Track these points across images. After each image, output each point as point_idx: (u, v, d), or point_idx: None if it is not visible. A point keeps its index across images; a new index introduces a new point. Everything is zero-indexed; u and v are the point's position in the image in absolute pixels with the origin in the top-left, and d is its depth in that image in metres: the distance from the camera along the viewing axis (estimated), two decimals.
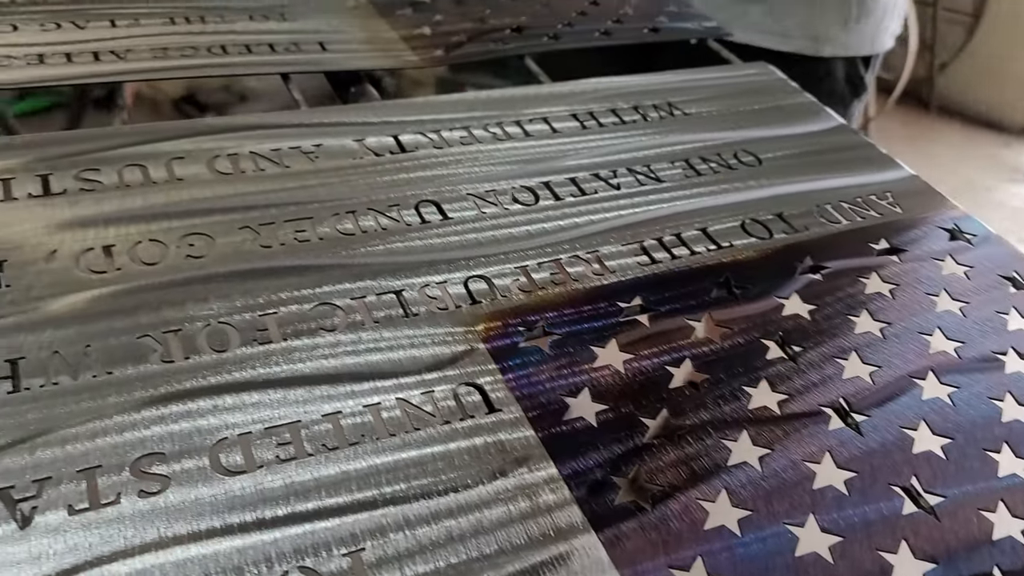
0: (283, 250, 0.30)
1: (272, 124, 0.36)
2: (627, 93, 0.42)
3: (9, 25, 0.40)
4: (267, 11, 0.45)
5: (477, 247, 0.31)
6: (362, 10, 0.47)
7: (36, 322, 0.25)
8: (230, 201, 0.31)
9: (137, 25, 0.41)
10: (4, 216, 0.29)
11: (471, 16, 0.48)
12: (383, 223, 0.32)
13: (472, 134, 0.37)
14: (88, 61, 0.38)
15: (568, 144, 0.38)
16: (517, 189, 0.34)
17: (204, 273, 0.28)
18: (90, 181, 0.31)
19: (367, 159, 0.35)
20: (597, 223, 0.33)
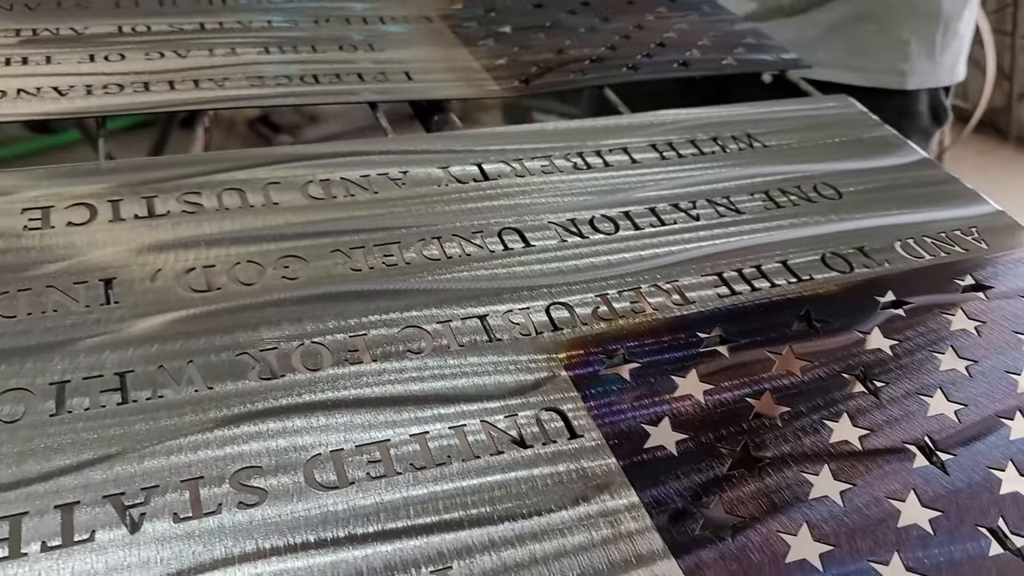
0: (372, 274, 0.31)
1: (361, 152, 0.37)
2: (706, 124, 0.42)
3: (118, 54, 0.42)
4: (356, 42, 0.47)
5: (559, 275, 0.32)
6: (446, 40, 0.49)
7: (143, 337, 0.27)
8: (322, 225, 0.33)
9: (234, 54, 0.43)
10: (113, 236, 0.31)
11: (551, 46, 0.49)
12: (467, 249, 0.32)
13: (553, 163, 0.38)
14: (189, 88, 0.40)
15: (648, 175, 0.38)
16: (598, 218, 0.35)
17: (298, 295, 0.29)
18: (192, 204, 0.33)
19: (452, 186, 0.36)
20: (677, 253, 0.34)
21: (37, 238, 0.30)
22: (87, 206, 0.32)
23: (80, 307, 0.28)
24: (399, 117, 0.50)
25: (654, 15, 0.55)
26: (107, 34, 0.44)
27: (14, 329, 0.26)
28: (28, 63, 0.40)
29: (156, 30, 0.45)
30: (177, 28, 0.45)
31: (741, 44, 0.52)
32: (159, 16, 0.47)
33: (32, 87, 0.38)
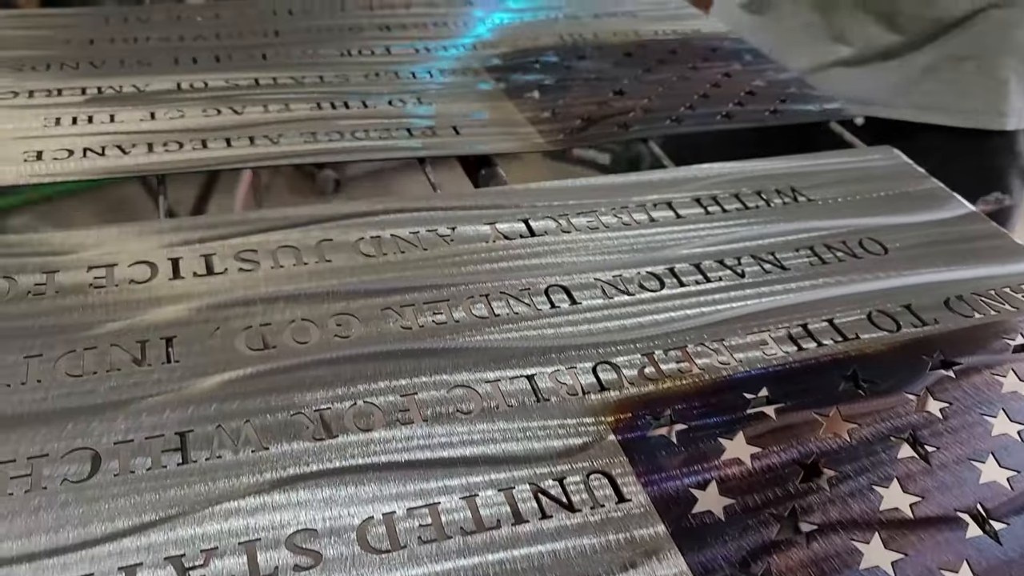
0: (423, 332, 0.31)
1: (411, 208, 0.38)
2: (750, 178, 0.43)
3: (177, 111, 0.44)
4: (405, 95, 0.48)
5: (605, 334, 0.32)
6: (492, 93, 0.50)
7: (202, 396, 0.28)
8: (374, 283, 0.33)
9: (287, 110, 0.45)
10: (173, 294, 0.32)
11: (595, 99, 0.50)
12: (515, 308, 0.33)
13: (599, 219, 0.38)
14: (245, 144, 0.41)
15: (692, 230, 0.38)
16: (643, 276, 0.35)
17: (351, 353, 0.30)
18: (249, 262, 0.34)
19: (499, 243, 0.36)
20: (723, 312, 0.34)
21: (102, 296, 0.31)
22: (148, 264, 0.33)
23: (143, 366, 0.29)
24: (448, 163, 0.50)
25: (696, 65, 0.55)
26: (167, 91, 0.46)
27: (81, 388, 0.28)
28: (93, 121, 0.42)
29: (213, 86, 0.47)
30: (233, 84, 0.47)
31: (785, 94, 0.53)
32: (216, 72, 0.48)
33: (97, 146, 0.39)
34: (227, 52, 0.51)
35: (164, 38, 0.52)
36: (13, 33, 0.51)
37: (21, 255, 0.33)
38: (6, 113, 0.41)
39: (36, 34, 0.51)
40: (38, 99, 0.43)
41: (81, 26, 0.53)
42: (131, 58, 0.49)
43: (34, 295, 0.31)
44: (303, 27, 0.56)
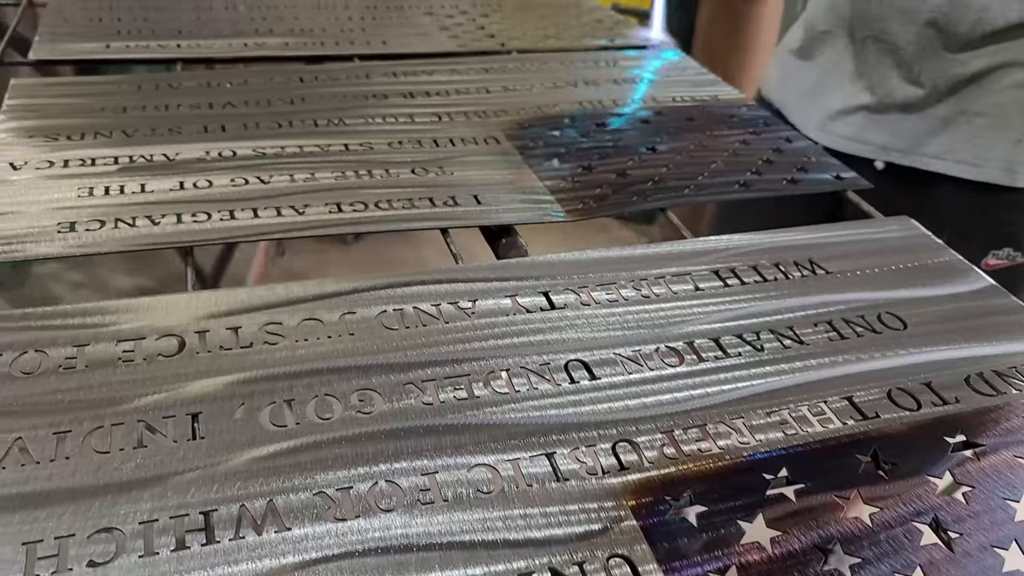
0: (444, 407, 0.32)
1: (433, 279, 0.38)
2: (768, 250, 0.43)
3: (206, 180, 0.45)
4: (427, 164, 0.49)
5: (625, 411, 0.32)
6: (513, 161, 0.50)
7: (227, 475, 0.28)
8: (396, 356, 0.34)
9: (313, 180, 0.46)
10: (200, 367, 0.32)
11: (614, 167, 0.51)
12: (535, 383, 0.33)
13: (619, 292, 0.39)
14: (272, 215, 0.42)
15: (711, 304, 0.39)
16: (663, 352, 0.35)
17: (373, 430, 0.30)
18: (274, 335, 0.34)
19: (519, 317, 0.37)
20: (742, 389, 0.34)
21: (130, 370, 0.32)
22: (176, 337, 0.34)
23: (168, 442, 0.29)
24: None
25: (714, 133, 0.56)
26: (196, 159, 0.47)
27: (109, 465, 0.28)
28: (125, 191, 0.43)
29: (241, 154, 0.48)
30: (260, 152, 0.48)
31: (801, 163, 0.53)
32: (244, 139, 0.50)
33: (128, 217, 0.40)
34: (255, 119, 0.52)
35: (194, 105, 0.54)
36: (50, 101, 0.52)
37: (53, 328, 0.34)
38: (43, 183, 0.43)
39: (72, 102, 0.52)
40: (72, 168, 0.45)
41: (115, 93, 0.54)
42: (162, 126, 0.50)
43: (64, 369, 0.32)
44: (329, 94, 0.57)
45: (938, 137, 0.81)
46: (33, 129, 0.48)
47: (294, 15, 0.73)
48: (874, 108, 0.83)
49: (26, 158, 0.45)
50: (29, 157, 0.45)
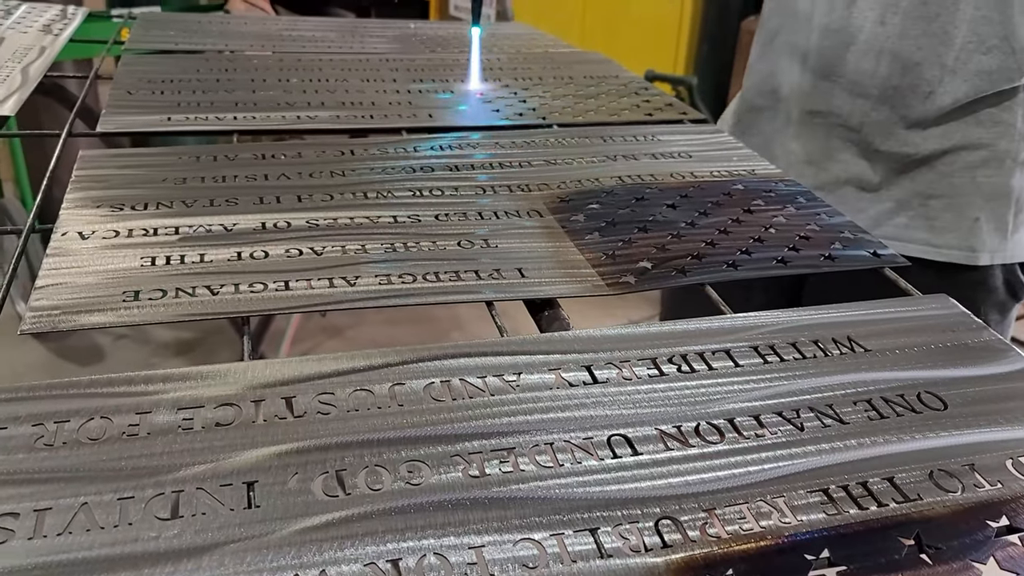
0: (490, 481, 0.32)
1: (479, 352, 0.40)
2: (807, 326, 0.44)
3: (261, 251, 0.47)
4: (472, 236, 0.51)
5: (667, 488, 0.33)
6: (555, 235, 0.52)
7: (281, 544, 0.29)
8: (443, 428, 0.35)
9: (364, 252, 0.47)
10: (256, 437, 0.34)
11: (653, 242, 0.52)
12: (579, 457, 0.34)
13: (659, 368, 0.40)
14: (324, 286, 0.44)
15: (751, 381, 0.39)
16: (704, 428, 0.36)
17: (421, 501, 0.31)
18: (327, 405, 0.36)
19: (562, 391, 0.38)
20: (783, 467, 0.34)
21: (189, 438, 0.33)
22: (233, 406, 0.35)
23: (225, 511, 0.30)
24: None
25: (751, 208, 0.57)
26: (252, 230, 0.49)
27: (169, 532, 0.29)
28: (185, 261, 0.45)
29: (295, 225, 0.50)
30: (313, 224, 0.50)
31: (838, 239, 0.54)
32: (297, 211, 0.52)
33: (188, 287, 0.42)
34: (308, 191, 0.54)
35: (250, 176, 0.56)
36: (114, 172, 0.55)
37: (116, 395, 0.35)
38: (109, 253, 0.45)
39: (135, 172, 0.55)
40: (136, 238, 0.47)
41: (175, 165, 0.57)
42: (220, 197, 0.53)
43: (128, 436, 0.33)
44: (378, 166, 0.59)
45: (895, 219, 0.79)
46: (100, 199, 0.51)
47: (344, 88, 0.77)
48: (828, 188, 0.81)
49: (93, 227, 0.47)
50: (96, 227, 0.48)
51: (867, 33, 0.76)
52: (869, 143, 0.79)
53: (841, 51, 0.77)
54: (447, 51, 0.96)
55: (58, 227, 0.47)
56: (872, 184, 0.80)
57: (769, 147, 0.85)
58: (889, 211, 0.80)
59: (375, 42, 0.97)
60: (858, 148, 0.79)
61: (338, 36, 0.98)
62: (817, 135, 0.81)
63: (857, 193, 0.81)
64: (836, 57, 0.77)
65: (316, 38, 0.97)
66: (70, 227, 0.47)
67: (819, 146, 0.81)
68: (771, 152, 0.85)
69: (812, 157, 0.81)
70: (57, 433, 0.33)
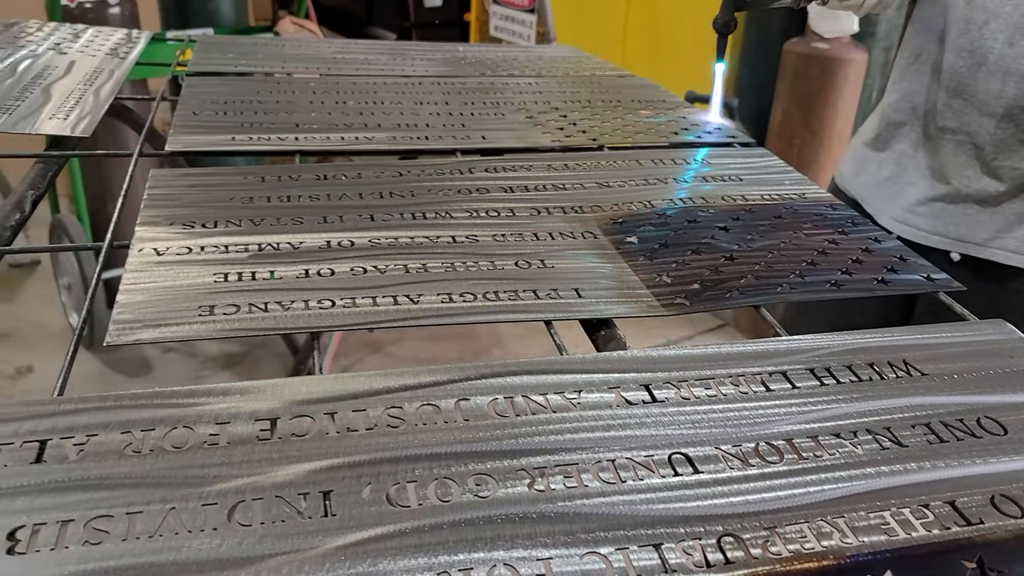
0: (555, 495, 0.33)
1: (540, 370, 0.41)
2: (863, 349, 0.44)
3: (328, 269, 0.48)
4: (529, 257, 0.52)
5: (729, 507, 0.34)
6: (610, 256, 0.53)
7: (356, 553, 0.30)
8: (508, 443, 0.36)
9: (425, 271, 0.49)
10: (330, 448, 0.35)
11: (708, 264, 0.53)
12: (640, 474, 0.35)
13: (718, 389, 0.40)
14: (389, 303, 0.45)
15: (808, 402, 0.40)
16: (763, 449, 0.37)
17: (489, 514, 0.32)
18: (395, 419, 0.37)
19: (622, 410, 0.39)
20: (843, 489, 0.35)
21: (267, 447, 0.35)
22: (308, 418, 0.36)
23: (303, 519, 0.31)
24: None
25: (803, 232, 0.58)
26: (318, 248, 0.51)
27: (251, 537, 0.30)
28: (256, 278, 0.47)
29: (359, 244, 0.51)
30: (375, 243, 0.52)
31: (891, 263, 0.54)
32: (360, 230, 0.53)
33: (260, 302, 0.44)
34: (369, 211, 0.56)
35: (313, 196, 0.58)
36: (184, 191, 0.57)
37: (196, 406, 0.37)
38: (184, 269, 0.47)
39: (203, 192, 0.57)
40: (208, 255, 0.49)
41: (241, 185, 0.59)
42: (285, 216, 0.54)
43: (209, 445, 0.35)
44: (436, 187, 0.61)
45: (1016, 231, 0.82)
46: (172, 217, 0.53)
47: (399, 111, 0.78)
48: (950, 200, 0.84)
49: (168, 244, 0.50)
50: (170, 243, 0.50)
51: (996, 54, 0.78)
52: (992, 159, 0.81)
53: (972, 71, 0.79)
54: (496, 74, 0.97)
55: (135, 244, 0.49)
56: (993, 198, 0.82)
57: (902, 160, 0.88)
58: (1010, 224, 0.82)
59: (426, 64, 0.99)
60: (982, 164, 0.81)
61: (389, 59, 1.01)
62: (946, 150, 0.84)
63: (978, 207, 0.83)
64: (967, 76, 0.80)
65: (368, 60, 0.99)
66: (146, 244, 0.49)
67: (947, 161, 0.84)
68: (903, 165, 0.88)
69: (941, 172, 0.85)
70: (144, 440, 0.34)
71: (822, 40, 1.99)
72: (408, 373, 0.40)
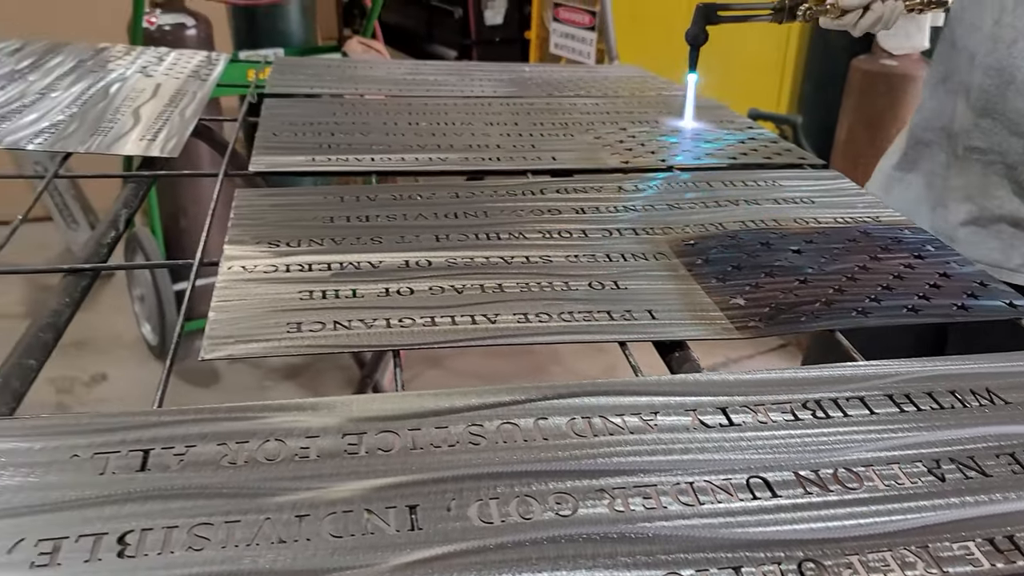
0: (635, 516, 0.34)
1: (616, 391, 0.41)
2: (943, 376, 0.44)
3: (407, 288, 0.50)
4: (602, 278, 0.52)
5: (809, 533, 0.34)
6: (681, 277, 0.53)
7: (444, 566, 0.31)
8: (587, 463, 0.37)
9: (500, 291, 0.50)
10: (414, 463, 0.36)
11: (781, 287, 0.53)
12: (720, 498, 0.35)
13: (794, 413, 0.40)
14: (467, 323, 0.46)
15: (887, 429, 0.40)
16: (843, 475, 0.37)
17: (571, 532, 0.33)
18: (476, 436, 0.38)
19: (700, 433, 0.39)
20: (926, 518, 0.35)
21: (354, 462, 0.36)
22: (392, 434, 0.38)
23: (392, 531, 0.33)
24: None
25: (878, 255, 0.57)
26: (397, 267, 0.52)
27: (343, 547, 0.32)
28: (339, 296, 0.48)
29: (436, 264, 0.53)
30: (451, 262, 0.53)
31: (971, 288, 0.54)
32: (436, 250, 0.55)
33: (345, 320, 0.46)
34: (445, 231, 0.57)
35: (390, 216, 0.60)
36: (268, 210, 0.59)
37: (287, 420, 0.38)
38: (273, 288, 0.49)
39: (286, 212, 0.59)
40: (293, 273, 0.51)
41: (320, 204, 0.61)
42: (365, 235, 0.56)
43: (300, 458, 0.36)
44: (508, 208, 0.62)
45: None
46: (258, 236, 0.55)
47: (470, 131, 0.80)
48: (983, 223, 0.82)
49: (255, 262, 0.52)
50: (257, 262, 0.52)
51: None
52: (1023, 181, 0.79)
53: (1002, 89, 0.78)
54: (563, 94, 0.99)
55: (224, 261, 0.52)
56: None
57: (931, 181, 0.86)
58: None
59: (493, 85, 1.00)
60: (1014, 185, 0.79)
61: (458, 79, 1.03)
62: (976, 171, 0.82)
63: (1012, 229, 0.81)
64: (997, 95, 0.78)
65: (438, 81, 1.01)
66: (234, 262, 0.52)
67: (977, 182, 0.82)
68: (932, 186, 0.87)
69: (970, 192, 0.82)
70: (239, 452, 0.36)
71: (890, 57, 1.96)
72: (487, 392, 0.41)
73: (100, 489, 0.34)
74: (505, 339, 0.46)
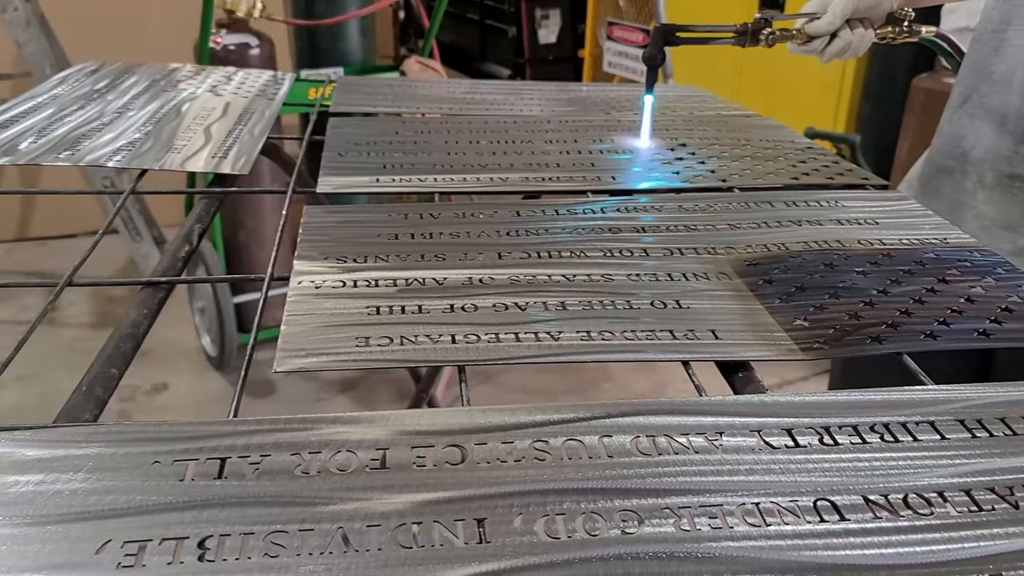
0: (701, 536, 0.34)
1: (678, 410, 0.41)
2: (1017, 402, 0.43)
3: (471, 304, 0.50)
4: (665, 297, 0.53)
5: (880, 559, 0.33)
6: (745, 298, 0.53)
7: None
8: (652, 482, 0.37)
9: (563, 308, 0.50)
10: (481, 477, 0.37)
11: (846, 309, 0.52)
12: (787, 520, 0.35)
13: (861, 436, 0.40)
14: (531, 340, 0.47)
15: (959, 455, 0.39)
16: (914, 500, 0.36)
17: (638, 551, 0.33)
18: (541, 451, 0.38)
19: (765, 455, 0.39)
20: (1000, 545, 0.34)
21: (422, 474, 0.37)
22: (459, 448, 0.38)
23: (460, 543, 0.33)
24: None
25: (947, 278, 0.56)
26: (461, 284, 0.53)
27: (413, 557, 0.32)
28: (405, 312, 0.49)
29: (498, 281, 0.54)
30: (514, 279, 0.54)
31: None
32: (499, 267, 0.56)
33: (411, 335, 0.47)
34: (507, 249, 0.58)
35: (453, 234, 0.61)
36: (335, 228, 0.61)
37: (357, 432, 0.39)
38: (341, 303, 0.50)
39: (352, 229, 0.61)
40: (360, 288, 0.52)
41: (385, 222, 0.62)
42: (429, 252, 0.57)
43: (370, 469, 0.37)
44: (569, 226, 0.62)
45: None
46: (326, 252, 0.57)
47: (530, 150, 0.81)
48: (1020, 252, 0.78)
49: (324, 278, 0.53)
50: (326, 278, 0.53)
51: None
52: None
53: None
54: (622, 113, 0.99)
55: (294, 276, 0.53)
56: None
57: (956, 211, 0.83)
58: None
59: (552, 104, 1.01)
60: None
61: (516, 99, 1.04)
62: (1016, 200, 0.78)
63: None
64: None
65: (496, 101, 1.03)
66: (304, 277, 0.53)
67: (1018, 211, 0.78)
68: (958, 215, 0.83)
69: (1011, 222, 0.79)
70: (311, 463, 0.37)
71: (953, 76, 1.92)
72: (552, 408, 0.41)
73: (180, 495, 0.35)
74: (569, 356, 0.46)
